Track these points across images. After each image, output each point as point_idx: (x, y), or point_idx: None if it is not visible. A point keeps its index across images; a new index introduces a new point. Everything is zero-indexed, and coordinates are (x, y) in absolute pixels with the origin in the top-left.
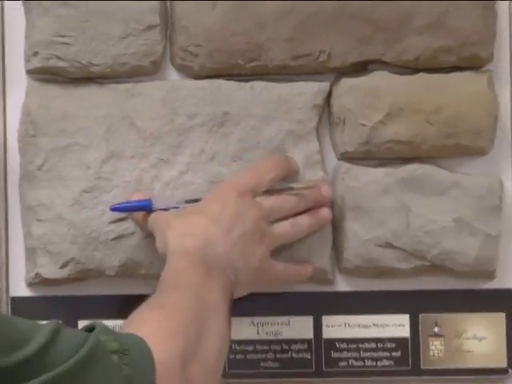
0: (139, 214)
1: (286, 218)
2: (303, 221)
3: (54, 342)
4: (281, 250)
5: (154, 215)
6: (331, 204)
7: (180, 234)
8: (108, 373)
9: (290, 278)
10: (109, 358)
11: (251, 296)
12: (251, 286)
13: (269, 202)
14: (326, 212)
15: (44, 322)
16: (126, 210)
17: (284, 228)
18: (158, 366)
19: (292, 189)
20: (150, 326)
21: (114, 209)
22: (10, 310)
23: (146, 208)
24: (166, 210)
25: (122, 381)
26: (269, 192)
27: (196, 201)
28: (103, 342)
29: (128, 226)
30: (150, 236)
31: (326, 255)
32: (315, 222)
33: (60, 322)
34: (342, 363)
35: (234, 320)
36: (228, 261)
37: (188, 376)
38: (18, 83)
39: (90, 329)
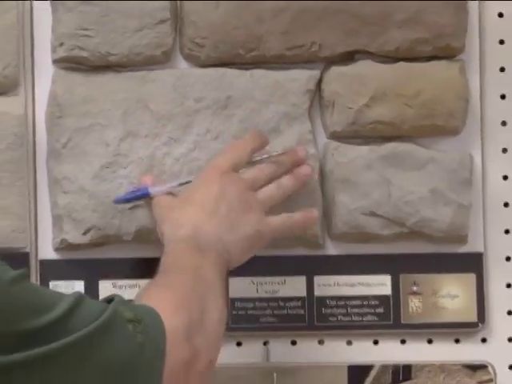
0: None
1: (270, 182)
2: (286, 181)
3: (76, 309)
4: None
5: (154, 201)
6: (321, 177)
7: (173, 227)
8: (123, 339)
9: (295, 226)
10: (125, 326)
11: (251, 259)
12: (249, 252)
13: (250, 173)
14: (305, 169)
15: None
16: (127, 201)
17: (270, 191)
18: (167, 335)
19: (270, 157)
20: (159, 303)
21: (117, 201)
22: (38, 272)
23: (145, 196)
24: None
25: (135, 347)
26: (250, 164)
27: (188, 182)
28: (120, 312)
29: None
30: None
31: (317, 225)
32: (298, 180)
33: (83, 293)
34: (332, 318)
35: (237, 280)
36: (217, 239)
37: (193, 346)
38: (46, 72)
39: (109, 300)
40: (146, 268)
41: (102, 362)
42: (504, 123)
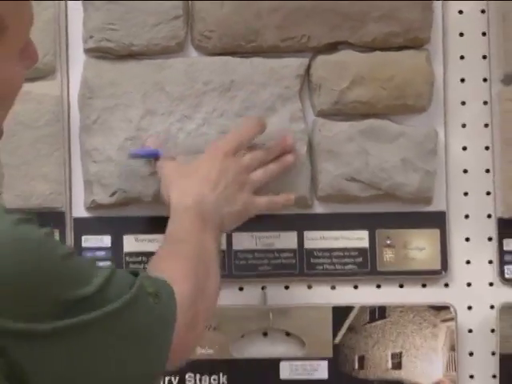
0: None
1: (261, 167)
2: (273, 167)
3: (110, 282)
4: (272, 185)
5: (159, 163)
6: (310, 149)
7: (180, 195)
8: (145, 310)
9: (275, 206)
10: (147, 299)
11: (252, 217)
12: (237, 223)
13: (246, 158)
14: (289, 157)
15: (102, 265)
16: (139, 156)
17: (259, 175)
18: (177, 303)
19: (264, 145)
20: (170, 273)
21: (131, 155)
22: (72, 228)
23: (154, 155)
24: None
25: (153, 317)
26: (248, 148)
27: (196, 153)
28: (144, 287)
29: None
30: None
31: (306, 186)
32: (282, 166)
33: (114, 265)
34: (319, 267)
35: (239, 235)
36: (215, 210)
37: (197, 309)
38: (78, 60)
39: (134, 273)
40: (162, 224)
41: (128, 328)
42: (463, 103)
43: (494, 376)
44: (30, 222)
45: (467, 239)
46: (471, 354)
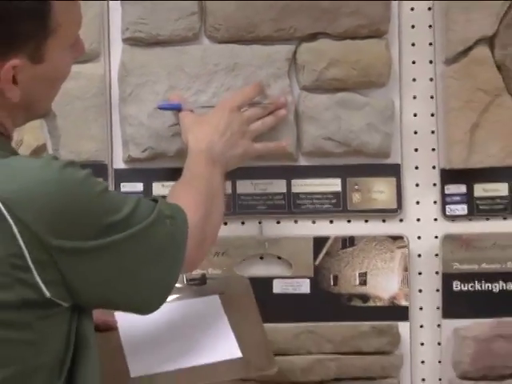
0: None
1: (259, 120)
2: (269, 119)
3: (136, 208)
4: (267, 139)
5: (181, 114)
6: (296, 116)
7: (195, 140)
8: (163, 230)
9: (269, 150)
10: (164, 220)
11: (251, 167)
12: (239, 163)
13: (248, 112)
14: (282, 111)
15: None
16: (165, 108)
17: (257, 126)
18: (189, 225)
19: (261, 103)
20: (185, 202)
21: (158, 107)
22: (113, 177)
23: (178, 107)
24: (191, 111)
25: (169, 236)
26: (249, 105)
27: (210, 106)
28: (162, 211)
29: (180, 129)
30: None
31: (293, 144)
32: (276, 118)
33: (140, 197)
34: (303, 206)
35: (241, 182)
36: (222, 153)
37: (204, 232)
38: (117, 47)
39: (154, 199)
40: (179, 174)
41: (151, 244)
42: (414, 80)
43: (438, 290)
44: (73, 166)
45: (417, 185)
46: (420, 273)
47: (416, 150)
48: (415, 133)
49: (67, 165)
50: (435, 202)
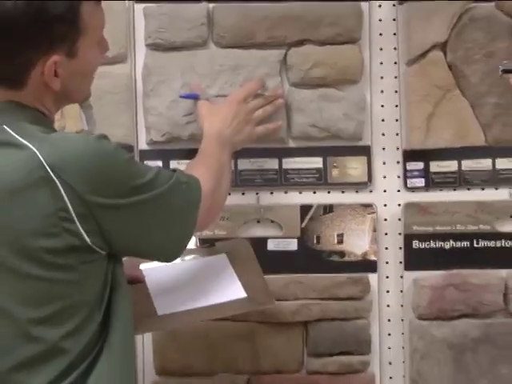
0: (195, 102)
1: (260, 108)
2: (269, 107)
3: (158, 175)
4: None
5: (199, 103)
6: (286, 107)
7: (209, 127)
8: (179, 193)
9: (269, 131)
10: (181, 185)
11: (250, 148)
12: (243, 145)
13: (252, 103)
14: (279, 101)
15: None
16: (186, 97)
17: (259, 113)
18: (202, 193)
19: (263, 95)
20: (199, 174)
21: (181, 96)
22: (139, 156)
23: (197, 97)
24: (207, 99)
25: (185, 199)
26: (253, 96)
27: (222, 95)
28: (179, 178)
29: (192, 117)
30: None
31: (284, 130)
32: (275, 107)
33: (161, 166)
34: (292, 180)
35: (243, 160)
36: (230, 139)
37: (213, 199)
38: (141, 51)
39: (173, 170)
40: (194, 154)
41: (170, 204)
42: (382, 77)
43: (400, 248)
44: (106, 138)
45: (384, 163)
46: (386, 234)
47: (383, 134)
48: (382, 120)
49: (101, 137)
50: (398, 177)
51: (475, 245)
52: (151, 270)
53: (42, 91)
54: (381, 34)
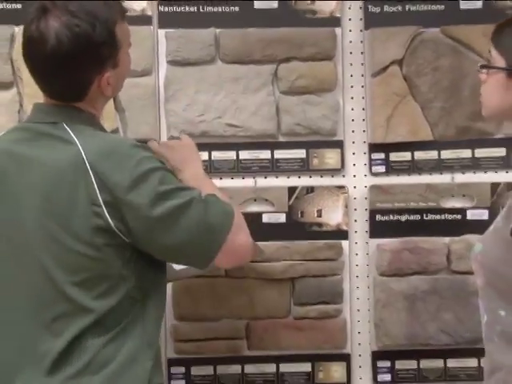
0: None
1: None
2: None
3: (182, 188)
4: (254, 124)
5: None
6: (277, 110)
7: (186, 174)
8: (216, 208)
9: None
10: (215, 202)
11: (248, 142)
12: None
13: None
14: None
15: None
16: None
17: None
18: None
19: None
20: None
21: None
22: None
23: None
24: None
25: (225, 218)
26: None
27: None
28: (211, 198)
29: (202, 118)
30: None
31: (275, 128)
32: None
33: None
34: (281, 167)
35: (242, 151)
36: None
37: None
38: (163, 66)
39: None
40: (204, 147)
41: (199, 216)
42: (352, 86)
43: (366, 220)
44: (140, 146)
45: (353, 153)
46: (355, 209)
47: (353, 131)
48: (352, 120)
49: (136, 144)
50: (365, 164)
51: (424, 218)
52: None
53: (97, 98)
54: (351, 53)
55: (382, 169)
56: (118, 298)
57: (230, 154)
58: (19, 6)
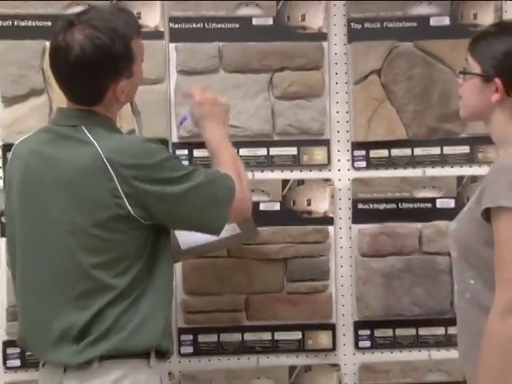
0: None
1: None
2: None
3: (192, 173)
4: (253, 123)
5: (189, 116)
6: (272, 113)
7: (207, 130)
8: (221, 185)
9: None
10: (222, 178)
11: (248, 141)
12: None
13: (222, 105)
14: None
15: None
16: (181, 123)
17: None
18: (235, 187)
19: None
20: (231, 173)
21: (178, 126)
22: (172, 146)
23: (185, 118)
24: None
25: (223, 191)
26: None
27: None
28: (215, 174)
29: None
30: None
31: (270, 128)
32: (226, 99)
33: (199, 167)
34: (276, 162)
35: (242, 149)
36: (225, 130)
37: (242, 185)
38: (174, 75)
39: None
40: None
41: (210, 196)
42: (337, 93)
43: (350, 208)
44: (152, 141)
45: (338, 150)
46: (340, 199)
47: (338, 131)
48: (337, 122)
49: (148, 140)
50: (348, 160)
51: (399, 206)
52: None
53: (112, 103)
54: (336, 63)
55: (363, 164)
56: (134, 273)
57: None
58: (49, 23)
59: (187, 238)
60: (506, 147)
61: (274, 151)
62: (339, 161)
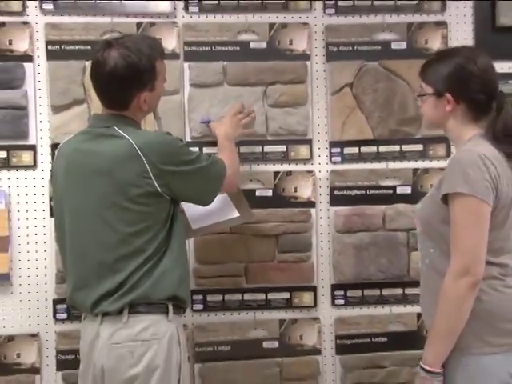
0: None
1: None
2: (248, 118)
3: (200, 156)
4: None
5: (211, 124)
6: (266, 118)
7: (220, 132)
8: (215, 167)
9: (248, 133)
10: (216, 162)
11: (246, 140)
12: (239, 137)
13: (240, 115)
14: (253, 115)
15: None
16: (203, 122)
17: (245, 121)
18: (227, 171)
19: (246, 112)
20: (224, 158)
21: (200, 122)
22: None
23: (209, 121)
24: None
25: (218, 170)
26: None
27: (222, 117)
28: (214, 158)
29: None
30: None
31: (264, 131)
32: (252, 119)
33: (202, 152)
34: (269, 158)
35: (242, 147)
36: (232, 135)
37: (233, 169)
38: (187, 88)
39: (209, 155)
40: (215, 145)
41: (208, 173)
42: (318, 102)
43: (328, 194)
44: (170, 134)
45: (319, 148)
46: (320, 187)
47: (318, 133)
48: (318, 125)
49: (167, 133)
50: (327, 156)
51: (368, 193)
52: (187, 205)
53: (137, 111)
54: (317, 78)
55: (339, 159)
56: (160, 239)
57: None
58: (89, 47)
59: (197, 220)
60: (461, 145)
61: (267, 148)
62: (319, 156)
